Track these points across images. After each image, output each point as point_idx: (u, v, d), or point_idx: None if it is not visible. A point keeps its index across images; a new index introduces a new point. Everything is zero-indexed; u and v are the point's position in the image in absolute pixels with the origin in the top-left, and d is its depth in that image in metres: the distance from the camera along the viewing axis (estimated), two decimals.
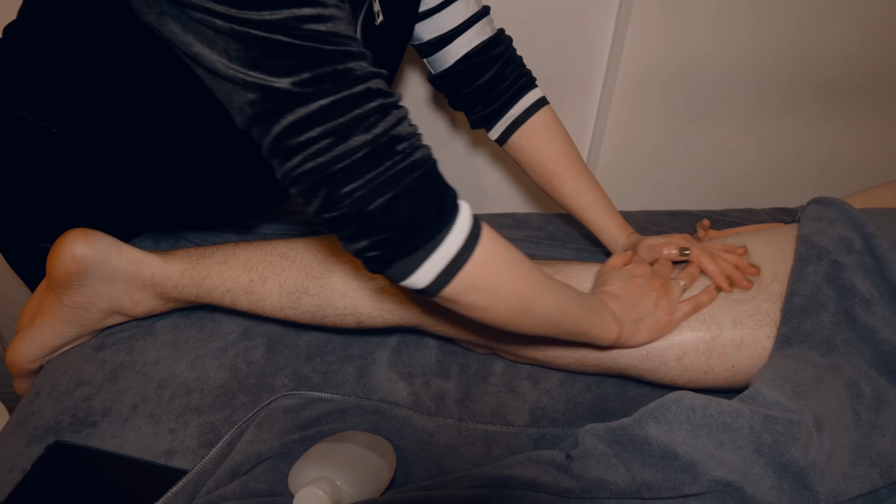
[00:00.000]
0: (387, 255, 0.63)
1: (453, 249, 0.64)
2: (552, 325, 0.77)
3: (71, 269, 0.88)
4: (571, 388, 0.97)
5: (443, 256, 0.64)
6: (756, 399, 0.75)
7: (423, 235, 0.63)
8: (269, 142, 0.60)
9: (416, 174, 0.62)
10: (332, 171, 0.59)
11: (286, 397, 0.90)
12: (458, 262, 0.65)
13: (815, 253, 0.88)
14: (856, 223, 0.89)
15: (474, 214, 0.67)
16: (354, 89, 0.59)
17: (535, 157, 1.09)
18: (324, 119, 0.58)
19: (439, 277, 0.65)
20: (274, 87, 0.56)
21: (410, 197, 0.61)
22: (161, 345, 0.98)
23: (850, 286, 0.84)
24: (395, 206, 0.61)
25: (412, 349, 1.01)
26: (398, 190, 0.61)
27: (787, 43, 1.41)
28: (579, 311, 0.79)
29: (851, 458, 0.72)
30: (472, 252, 0.65)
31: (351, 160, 0.59)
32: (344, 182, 0.60)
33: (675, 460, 0.71)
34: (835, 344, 0.82)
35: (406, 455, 0.85)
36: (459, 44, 1.02)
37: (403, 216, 0.62)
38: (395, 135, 0.61)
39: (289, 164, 0.60)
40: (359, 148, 0.59)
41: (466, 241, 0.65)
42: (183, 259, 0.95)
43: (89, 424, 0.87)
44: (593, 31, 1.35)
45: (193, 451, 0.85)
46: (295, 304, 0.91)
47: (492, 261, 0.67)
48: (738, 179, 1.66)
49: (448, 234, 0.64)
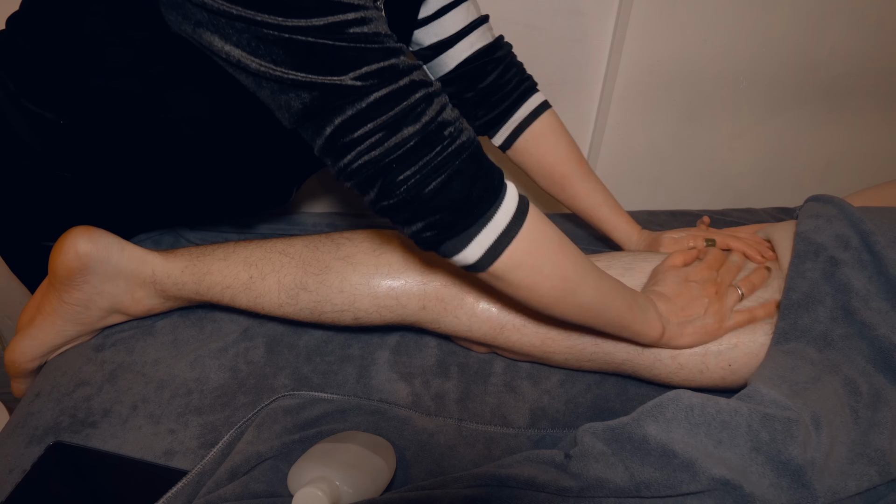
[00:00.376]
0: (440, 234, 0.67)
1: (501, 225, 0.67)
2: (594, 313, 0.78)
3: (73, 265, 0.88)
4: (572, 388, 0.97)
5: (492, 231, 0.67)
6: (754, 397, 0.75)
7: (474, 213, 0.66)
8: (323, 140, 0.63)
9: (465, 155, 0.65)
10: (387, 161, 0.62)
11: (286, 397, 0.90)
12: (506, 238, 0.67)
13: (812, 250, 0.88)
14: (853, 220, 0.89)
15: (521, 193, 0.70)
16: (400, 83, 0.61)
17: (544, 161, 1.10)
18: (375, 114, 0.61)
19: (488, 252, 0.68)
20: (324, 84, 0.59)
21: (460, 178, 0.65)
22: (161, 345, 0.99)
23: (847, 282, 0.84)
24: (448, 187, 0.64)
25: (412, 349, 1.01)
26: (449, 172, 0.64)
27: (787, 43, 1.41)
28: (622, 304, 0.80)
29: (849, 456, 0.72)
30: (520, 228, 0.68)
31: (404, 150, 0.62)
32: (399, 171, 0.63)
33: (673, 459, 0.71)
34: (832, 339, 0.82)
35: (406, 455, 0.85)
36: (461, 47, 1.03)
37: (455, 197, 0.65)
38: (442, 121, 0.64)
39: (344, 160, 0.63)
40: (410, 137, 0.62)
41: (514, 218, 0.68)
42: (183, 257, 0.95)
43: (89, 425, 0.87)
44: (593, 31, 1.35)
45: (193, 452, 0.85)
46: (293, 300, 0.92)
47: (538, 237, 0.70)
48: (738, 179, 1.66)
49: (497, 210, 0.67)
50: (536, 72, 1.26)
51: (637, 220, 1.33)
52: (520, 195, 0.70)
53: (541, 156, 1.09)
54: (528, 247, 0.69)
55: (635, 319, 0.82)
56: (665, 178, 1.63)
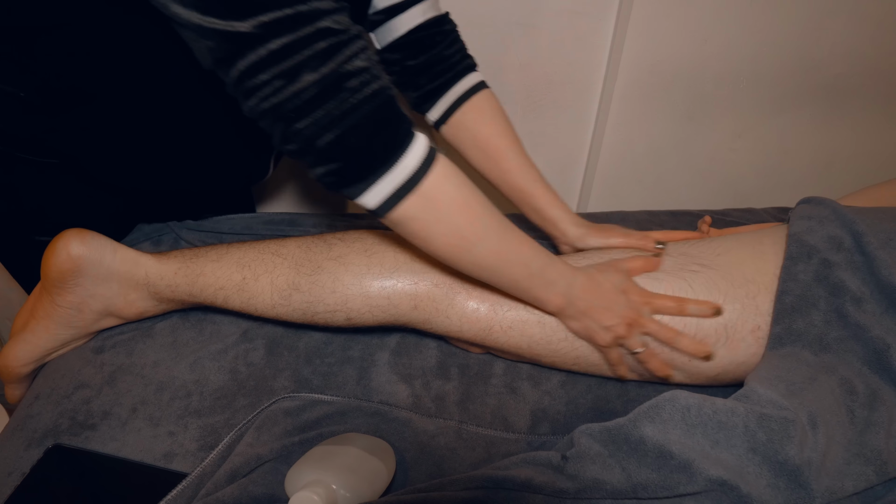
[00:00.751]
0: (340, 181, 0.69)
1: (399, 179, 0.70)
2: (490, 274, 0.82)
3: (66, 267, 0.89)
4: (572, 389, 0.97)
5: (389, 184, 0.70)
6: (751, 397, 0.75)
7: (372, 165, 0.69)
8: (231, 85, 0.65)
9: (367, 109, 0.67)
10: (285, 110, 0.64)
11: (286, 399, 0.90)
12: (402, 191, 0.70)
13: (804, 252, 0.87)
14: (845, 221, 0.89)
15: (434, 150, 0.73)
16: (303, 31, 0.62)
17: (480, 134, 1.08)
18: (273, 62, 0.62)
19: (386, 202, 0.70)
20: (226, 32, 0.60)
21: (359, 131, 0.67)
22: (160, 347, 0.99)
23: (841, 284, 0.83)
24: (343, 141, 0.66)
25: (412, 350, 1.01)
26: (345, 127, 0.66)
27: (787, 42, 1.41)
28: (522, 271, 0.83)
29: (846, 456, 0.72)
30: (418, 184, 0.71)
31: (302, 100, 0.64)
32: (295, 120, 0.65)
33: (670, 460, 0.71)
34: (827, 342, 0.82)
35: (406, 458, 0.85)
36: (413, 13, 1.02)
37: (351, 150, 0.67)
38: (345, 72, 0.65)
39: (249, 103, 0.65)
40: (309, 87, 0.63)
41: (415, 173, 0.70)
42: (177, 258, 0.95)
43: (88, 427, 0.87)
44: (593, 31, 1.35)
45: (193, 454, 0.85)
46: (286, 300, 0.92)
47: (436, 196, 0.73)
48: (738, 179, 1.66)
49: (396, 164, 0.69)
50: (536, 72, 1.27)
51: (637, 220, 1.33)
52: (431, 151, 0.72)
53: (477, 129, 1.07)
54: (423, 203, 0.72)
55: (533, 286, 0.85)
56: (665, 178, 1.63)
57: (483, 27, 1.28)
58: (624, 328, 0.88)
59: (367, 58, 0.67)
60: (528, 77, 1.38)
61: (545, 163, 1.52)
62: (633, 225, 1.33)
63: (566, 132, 1.50)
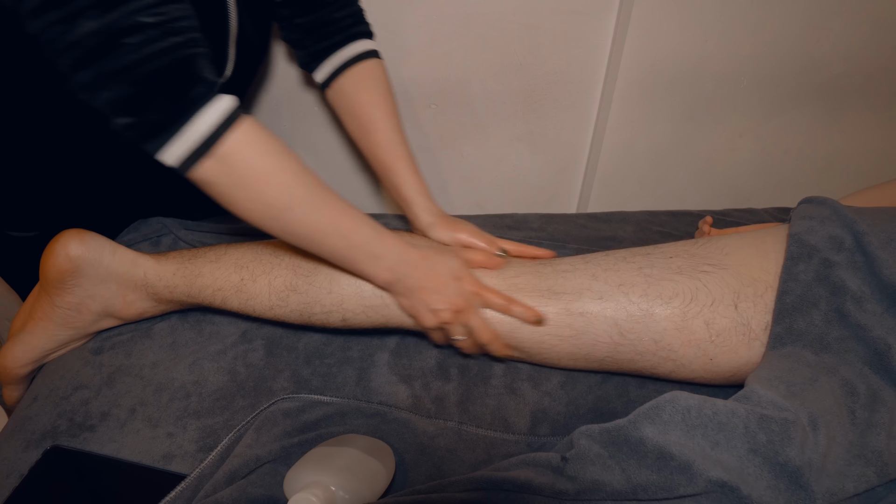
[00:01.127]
0: (136, 136, 0.68)
1: (191, 142, 0.69)
2: (308, 243, 0.81)
3: (64, 267, 0.89)
4: (573, 390, 0.96)
5: (182, 144, 0.69)
6: (751, 398, 0.75)
7: (161, 123, 0.68)
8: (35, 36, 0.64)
9: (148, 68, 0.65)
10: (66, 60, 0.63)
11: (285, 400, 0.90)
12: (196, 155, 0.70)
13: (805, 251, 0.87)
14: (846, 221, 0.88)
15: (236, 115, 0.72)
16: None
17: (355, 101, 1.05)
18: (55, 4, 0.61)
19: (182, 164, 0.70)
20: None
21: (140, 90, 0.66)
22: (159, 348, 0.99)
23: (841, 284, 0.83)
24: (125, 97, 0.65)
25: (412, 351, 1.01)
26: (126, 83, 0.65)
27: (788, 42, 1.41)
28: (342, 243, 0.82)
29: (847, 457, 0.72)
30: (211, 149, 0.70)
31: (79, 51, 0.63)
32: (76, 70, 0.64)
33: (670, 461, 0.70)
34: (828, 342, 0.81)
35: (406, 459, 0.85)
36: None
37: (135, 107, 0.66)
38: (124, 26, 0.63)
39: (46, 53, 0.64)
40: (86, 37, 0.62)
41: (207, 138, 0.69)
42: (175, 259, 0.95)
43: (87, 429, 0.87)
44: (593, 31, 1.35)
45: (192, 455, 0.85)
46: (284, 301, 0.92)
47: (234, 162, 0.72)
48: (738, 179, 1.65)
49: (185, 127, 0.68)
50: (536, 72, 1.26)
51: (638, 221, 1.33)
52: (231, 115, 0.71)
53: (355, 97, 1.04)
54: (220, 166, 0.71)
55: (356, 259, 0.84)
56: (666, 178, 1.63)
57: (483, 27, 1.28)
58: (450, 314, 0.89)
59: (157, 13, 0.65)
60: (528, 77, 1.37)
61: (545, 163, 1.52)
62: (633, 225, 1.33)
63: (566, 132, 1.49)
